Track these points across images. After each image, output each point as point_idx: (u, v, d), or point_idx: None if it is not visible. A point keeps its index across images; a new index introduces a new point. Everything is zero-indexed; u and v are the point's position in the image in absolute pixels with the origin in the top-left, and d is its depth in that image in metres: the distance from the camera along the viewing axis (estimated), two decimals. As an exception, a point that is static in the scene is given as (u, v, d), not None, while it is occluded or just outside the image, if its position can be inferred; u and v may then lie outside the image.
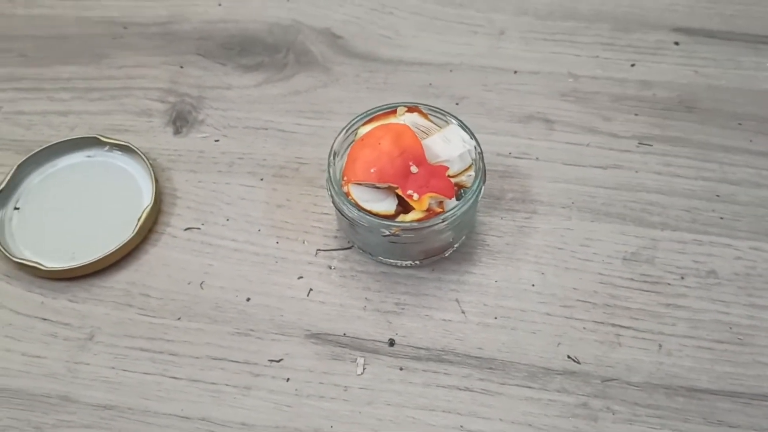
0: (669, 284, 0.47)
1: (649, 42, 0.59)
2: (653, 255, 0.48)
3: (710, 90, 0.56)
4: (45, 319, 0.46)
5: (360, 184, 0.44)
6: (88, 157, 0.53)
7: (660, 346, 0.45)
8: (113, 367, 0.45)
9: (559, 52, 0.58)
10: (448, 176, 0.45)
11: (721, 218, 0.49)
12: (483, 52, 0.59)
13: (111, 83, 0.58)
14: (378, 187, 0.44)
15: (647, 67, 0.57)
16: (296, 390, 0.44)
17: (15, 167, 0.51)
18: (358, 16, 0.61)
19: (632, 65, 0.57)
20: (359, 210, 0.44)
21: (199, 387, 0.44)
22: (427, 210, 0.44)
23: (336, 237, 0.49)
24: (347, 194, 0.44)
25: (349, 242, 0.49)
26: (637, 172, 0.52)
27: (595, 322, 0.45)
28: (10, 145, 0.54)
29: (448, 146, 0.46)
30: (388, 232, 0.44)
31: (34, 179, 0.52)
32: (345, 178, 0.45)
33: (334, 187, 0.44)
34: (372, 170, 0.44)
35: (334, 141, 0.46)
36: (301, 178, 0.52)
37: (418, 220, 0.43)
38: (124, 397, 0.44)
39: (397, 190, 0.44)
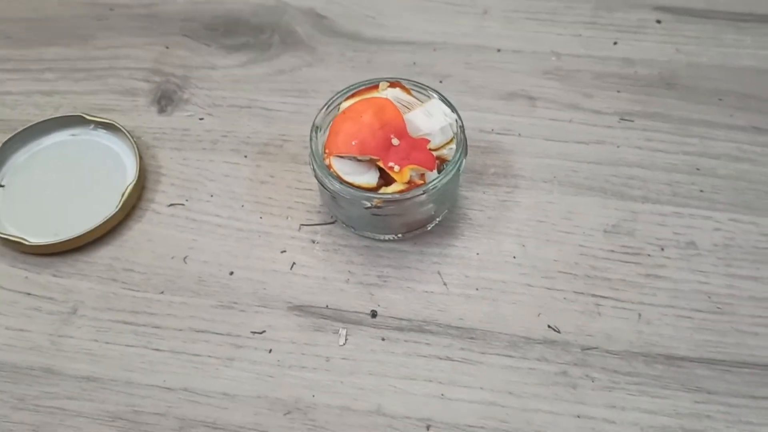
0: (649, 255, 0.47)
1: (631, 20, 0.59)
2: (634, 227, 0.48)
3: (691, 67, 0.56)
4: (29, 294, 0.47)
5: (342, 157, 0.44)
6: (73, 135, 0.53)
7: (640, 315, 0.45)
8: (96, 340, 0.45)
9: (542, 31, 0.59)
10: (429, 149, 0.45)
11: (701, 191, 0.50)
12: (467, 32, 0.59)
13: (96, 63, 0.58)
14: (359, 160, 0.44)
15: (629, 45, 0.58)
16: (278, 361, 0.44)
17: (0, 145, 0.51)
18: (343, -4, 0.61)
19: (614, 43, 0.58)
20: (341, 182, 0.44)
21: (182, 359, 0.44)
22: (408, 182, 0.44)
23: (319, 212, 0.50)
24: (329, 167, 0.44)
25: (332, 217, 0.49)
26: (618, 147, 0.52)
27: (576, 292, 0.46)
28: (-5, 125, 0.54)
29: (429, 120, 0.46)
30: (369, 204, 0.44)
31: (20, 157, 0.52)
32: (327, 151, 0.45)
33: (316, 161, 0.45)
34: (353, 143, 0.44)
35: (316, 116, 0.46)
36: (284, 155, 0.52)
37: (399, 192, 0.44)
38: (107, 369, 0.44)
39: (378, 163, 0.44)
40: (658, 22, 0.59)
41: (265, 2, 0.61)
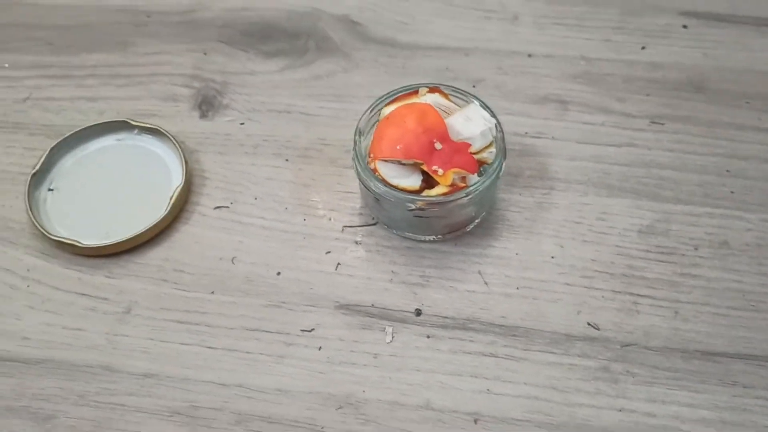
0: (683, 255, 0.49)
1: (657, 25, 0.61)
2: (667, 228, 0.50)
3: (718, 71, 0.58)
4: (83, 294, 0.48)
5: (386, 161, 0.46)
6: (118, 140, 0.55)
7: (676, 312, 0.46)
8: (152, 339, 0.46)
9: (570, 36, 0.60)
10: (471, 153, 0.47)
11: (732, 192, 0.51)
12: (497, 37, 0.60)
13: (137, 70, 0.59)
14: (403, 164, 0.46)
15: (657, 50, 0.59)
16: (328, 357, 0.45)
17: (48, 150, 0.53)
18: (374, 2, 0.63)
19: (642, 48, 0.59)
20: (386, 185, 0.45)
21: (235, 356, 0.46)
22: (451, 185, 0.45)
23: (361, 214, 0.51)
24: (374, 171, 0.46)
25: (373, 219, 0.51)
26: (650, 149, 0.54)
27: (614, 291, 0.47)
28: (42, 130, 0.56)
29: (469, 124, 0.47)
30: (413, 207, 0.46)
31: (67, 162, 0.54)
32: (372, 155, 0.46)
33: (360, 164, 0.46)
34: (398, 147, 0.45)
35: (360, 120, 0.47)
36: (324, 158, 0.54)
37: (443, 195, 0.45)
38: (163, 366, 0.45)
39: (422, 166, 0.46)
40: (685, 27, 0.60)
41: (299, 9, 0.63)
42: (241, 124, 0.56)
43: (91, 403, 0.44)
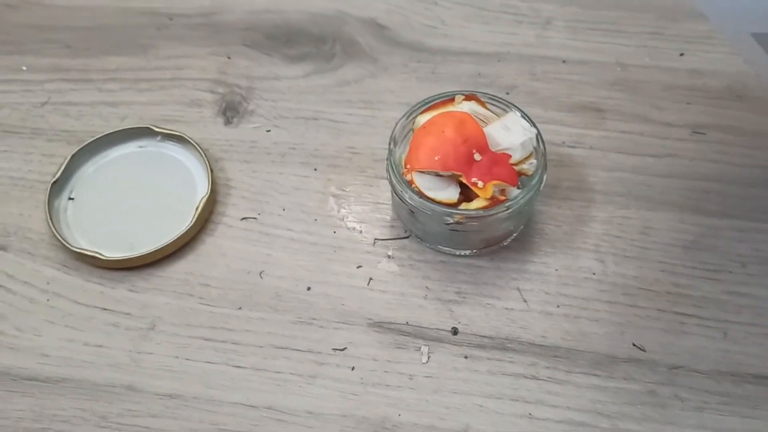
0: (731, 272, 0.47)
1: (696, 31, 0.59)
2: (713, 243, 0.48)
3: (760, 79, 0.55)
4: (105, 309, 0.46)
5: (423, 172, 0.44)
6: (141, 147, 0.53)
7: (725, 333, 0.44)
8: (176, 357, 0.44)
9: (606, 41, 0.58)
10: (511, 164, 0.45)
11: (780, 206, 0.49)
12: (530, 42, 0.59)
13: (159, 74, 0.57)
14: (440, 175, 0.44)
15: (696, 56, 0.57)
16: (361, 378, 0.43)
17: (68, 158, 0.51)
18: (402, 6, 0.61)
19: (681, 54, 0.57)
20: (422, 198, 0.43)
21: (264, 376, 0.44)
22: (491, 198, 0.43)
23: (392, 226, 0.49)
24: (410, 182, 0.44)
25: (406, 231, 0.49)
26: (691, 160, 0.52)
27: (659, 310, 0.45)
28: (62, 136, 0.54)
29: (509, 134, 0.45)
30: (451, 220, 0.44)
31: (88, 169, 0.52)
32: (408, 166, 0.44)
33: (395, 175, 0.44)
34: (436, 158, 0.43)
35: (394, 128, 0.46)
36: (354, 167, 0.52)
37: (483, 208, 0.43)
38: (188, 386, 0.43)
39: (460, 178, 0.44)
40: (725, 33, 0.58)
41: (325, 12, 0.61)
42: (267, 131, 0.54)
43: (113, 425, 0.42)
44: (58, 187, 0.50)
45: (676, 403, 0.42)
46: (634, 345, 0.44)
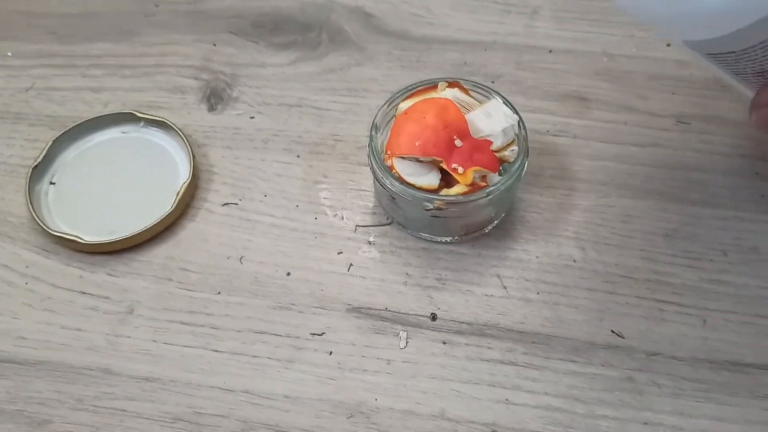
0: (711, 260, 0.46)
1: (683, 22, 0.58)
2: (694, 231, 0.48)
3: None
4: (84, 293, 0.46)
5: (404, 158, 0.44)
6: (123, 132, 0.53)
7: (704, 321, 0.44)
8: (154, 341, 0.44)
9: (593, 31, 0.58)
10: (492, 150, 0.44)
11: (762, 196, 0.49)
12: (517, 31, 0.58)
13: (143, 60, 0.57)
14: (421, 161, 0.44)
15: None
16: (339, 363, 0.43)
17: (50, 142, 0.51)
18: (389, -6, 0.61)
19: (668, 45, 0.57)
20: (402, 184, 0.43)
21: (242, 360, 0.44)
22: (471, 184, 0.43)
23: (374, 213, 0.49)
24: (391, 168, 0.44)
25: (387, 218, 0.49)
26: (675, 150, 0.51)
27: (638, 297, 0.45)
28: (44, 121, 0.54)
29: (490, 121, 0.45)
30: (431, 206, 0.43)
31: (70, 154, 0.52)
32: (389, 152, 0.44)
33: (376, 161, 0.44)
34: (417, 143, 0.43)
35: (376, 114, 0.45)
36: (337, 154, 0.52)
37: (463, 194, 0.43)
38: (166, 369, 0.43)
39: (441, 164, 0.44)
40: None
41: (312, 0, 0.61)
42: (251, 118, 0.54)
43: (89, 407, 0.42)
44: (39, 171, 0.50)
45: (653, 389, 0.42)
46: (612, 332, 0.44)
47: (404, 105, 0.46)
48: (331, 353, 0.44)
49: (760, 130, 0.35)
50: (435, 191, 0.44)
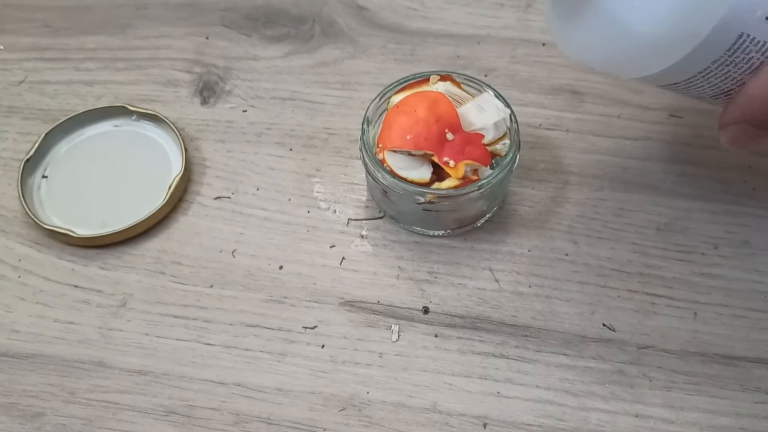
0: (703, 254, 0.47)
1: (677, 15, 0.58)
2: (686, 225, 0.48)
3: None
4: (77, 286, 0.46)
5: (395, 152, 0.44)
6: (116, 126, 0.53)
7: (695, 314, 0.44)
8: (147, 334, 0.44)
9: (586, 24, 0.58)
10: (484, 144, 0.44)
11: (754, 189, 0.49)
12: (510, 25, 0.58)
13: (136, 53, 0.57)
14: (413, 155, 0.44)
15: (676, 40, 0.57)
16: (331, 356, 0.43)
17: (42, 135, 0.51)
18: (383, -12, 0.61)
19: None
20: (394, 177, 0.43)
21: (234, 353, 0.44)
22: (463, 178, 0.43)
23: (367, 207, 0.49)
24: (382, 161, 0.44)
25: (380, 212, 0.49)
26: (668, 143, 0.51)
27: (630, 290, 0.45)
28: (37, 114, 0.54)
29: (482, 114, 0.45)
30: (423, 200, 0.44)
31: (62, 148, 0.52)
32: (380, 145, 0.44)
33: (368, 155, 0.44)
34: (408, 137, 0.43)
35: (368, 108, 0.45)
36: (330, 148, 0.52)
37: (454, 187, 0.43)
38: (158, 362, 0.43)
39: (432, 157, 0.44)
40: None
41: (305, -7, 0.61)
42: (244, 111, 0.54)
43: (82, 400, 0.42)
44: (31, 164, 0.50)
45: (644, 382, 0.42)
46: (604, 325, 0.44)
47: (396, 98, 0.46)
48: (323, 346, 0.44)
49: (730, 148, 0.35)
50: (427, 185, 0.44)
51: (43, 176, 0.50)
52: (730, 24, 0.31)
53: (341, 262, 0.47)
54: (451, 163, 0.43)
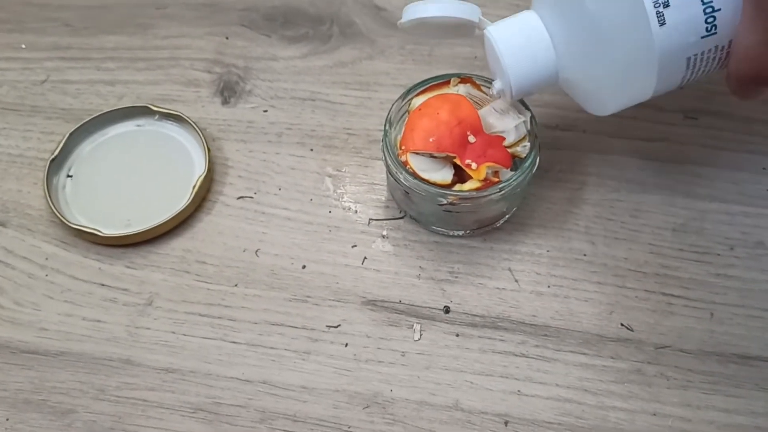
0: (718, 255, 0.47)
1: (691, 17, 0.59)
2: (702, 226, 0.48)
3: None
4: (103, 285, 0.47)
5: (418, 154, 0.44)
6: (138, 126, 0.54)
7: (711, 314, 0.45)
8: (173, 332, 0.45)
9: (602, 26, 0.58)
10: (505, 146, 0.45)
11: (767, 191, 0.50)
12: (527, 26, 0.59)
13: (157, 53, 0.58)
14: (435, 157, 0.45)
15: (691, 42, 0.57)
16: (355, 355, 0.44)
17: (67, 135, 0.51)
18: (400, -12, 0.61)
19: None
20: (416, 179, 0.44)
21: (259, 351, 0.45)
22: (484, 179, 0.44)
23: (387, 207, 0.50)
24: (405, 163, 0.44)
25: (400, 212, 0.49)
26: (683, 144, 0.52)
27: (647, 291, 0.46)
28: (60, 114, 0.55)
29: (503, 117, 0.46)
30: (445, 201, 0.44)
31: (86, 147, 0.52)
32: (402, 147, 0.45)
33: (390, 156, 0.45)
34: (431, 139, 0.44)
35: (390, 110, 0.46)
36: (350, 148, 0.53)
37: (476, 189, 0.44)
38: (185, 360, 0.44)
39: (454, 160, 0.44)
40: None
41: (323, -7, 0.61)
42: (264, 111, 0.54)
43: (111, 397, 0.43)
44: (56, 164, 0.51)
45: (662, 381, 0.43)
46: (622, 325, 0.45)
47: (417, 101, 0.47)
48: (346, 345, 0.45)
49: (740, 97, 0.40)
50: (448, 186, 0.44)
51: (68, 176, 0.51)
52: (673, 60, 0.38)
53: (363, 261, 0.48)
54: (473, 165, 0.44)
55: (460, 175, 0.45)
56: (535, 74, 0.42)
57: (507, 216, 0.49)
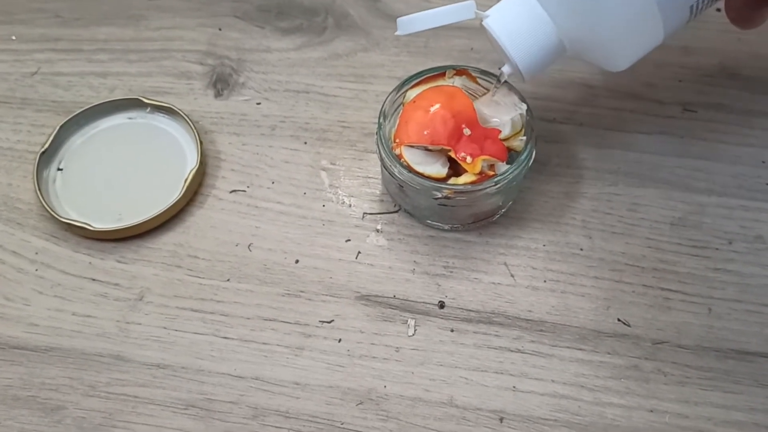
0: (717, 249, 0.47)
1: (690, 8, 0.58)
2: (700, 220, 0.48)
3: (753, 58, 0.55)
4: (94, 280, 0.46)
5: (412, 147, 0.44)
6: (130, 118, 0.53)
7: (710, 309, 0.45)
8: (165, 327, 0.45)
9: (600, 17, 0.58)
10: (500, 139, 0.45)
11: (767, 184, 0.49)
12: (523, 17, 0.58)
13: (149, 45, 0.57)
14: (429, 150, 0.44)
15: (689, 34, 0.57)
16: (348, 350, 0.44)
17: (57, 128, 0.51)
18: (395, -21, 0.60)
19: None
20: (411, 172, 0.43)
21: (251, 347, 0.44)
22: (480, 173, 0.43)
23: (382, 201, 0.49)
24: (399, 156, 0.44)
25: (395, 206, 0.49)
26: (682, 138, 0.52)
27: (645, 285, 0.46)
28: (50, 106, 0.54)
29: (499, 110, 0.45)
30: (440, 195, 0.44)
31: (77, 140, 0.52)
32: (397, 140, 0.44)
33: (384, 149, 0.44)
34: (425, 132, 0.43)
35: (384, 102, 0.45)
36: (344, 141, 0.52)
37: (471, 183, 0.43)
38: (176, 356, 0.44)
39: (449, 153, 0.44)
40: (718, 10, 0.58)
41: (317, -16, 0.60)
42: (258, 104, 0.54)
43: (101, 393, 0.43)
44: (46, 157, 0.50)
45: (659, 377, 0.43)
46: (619, 320, 0.45)
47: (412, 93, 0.46)
48: (340, 341, 0.44)
49: (737, 25, 0.41)
50: (443, 180, 0.44)
51: (59, 169, 0.50)
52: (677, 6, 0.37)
53: (357, 256, 0.47)
54: (469, 158, 0.43)
55: (455, 169, 0.44)
56: (541, 52, 0.42)
57: (503, 210, 0.48)
